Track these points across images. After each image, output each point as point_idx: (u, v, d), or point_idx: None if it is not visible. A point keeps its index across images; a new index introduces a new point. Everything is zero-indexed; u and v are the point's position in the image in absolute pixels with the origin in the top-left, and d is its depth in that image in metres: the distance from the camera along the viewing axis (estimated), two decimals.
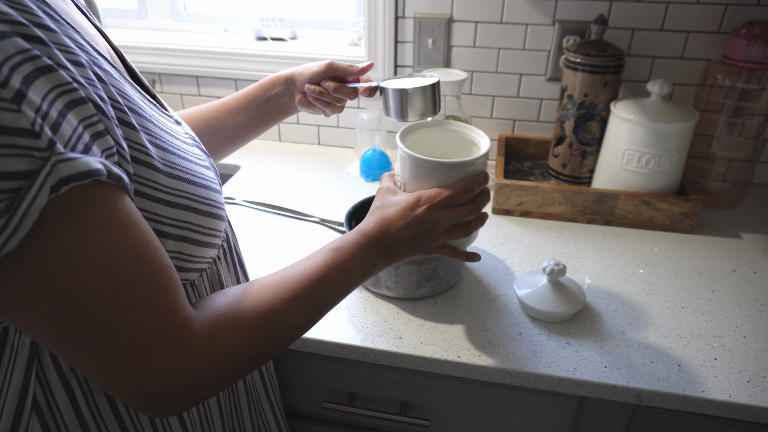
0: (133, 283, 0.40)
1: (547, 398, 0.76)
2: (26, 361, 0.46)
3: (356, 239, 0.61)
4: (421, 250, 0.65)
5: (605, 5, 1.07)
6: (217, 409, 0.61)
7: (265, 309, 0.50)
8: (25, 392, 0.46)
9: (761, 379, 0.70)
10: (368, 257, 0.60)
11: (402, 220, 0.62)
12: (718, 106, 1.01)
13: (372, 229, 0.62)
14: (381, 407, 0.83)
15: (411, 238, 0.62)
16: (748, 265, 0.91)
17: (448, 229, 0.64)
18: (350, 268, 0.58)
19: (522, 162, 1.22)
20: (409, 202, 0.63)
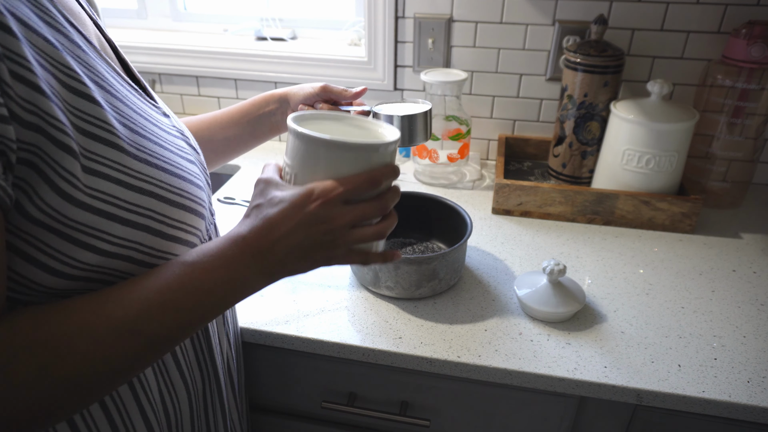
0: None
1: (547, 398, 0.76)
2: None
3: (223, 248, 0.48)
4: (315, 260, 0.50)
5: (605, 5, 1.07)
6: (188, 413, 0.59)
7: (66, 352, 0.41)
8: None
9: (761, 379, 0.70)
10: (238, 272, 0.47)
11: (289, 220, 0.48)
12: (718, 106, 1.01)
13: (248, 233, 0.48)
14: (381, 407, 0.83)
15: (300, 245, 0.48)
16: (748, 265, 0.91)
17: (349, 232, 0.50)
18: (206, 290, 0.46)
19: (522, 162, 1.22)
20: (298, 197, 0.48)
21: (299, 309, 0.81)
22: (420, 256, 0.78)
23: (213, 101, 1.34)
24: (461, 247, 0.81)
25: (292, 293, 0.84)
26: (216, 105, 1.35)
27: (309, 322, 0.78)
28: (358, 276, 0.85)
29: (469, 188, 1.15)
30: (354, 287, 0.85)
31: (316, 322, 0.78)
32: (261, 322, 0.78)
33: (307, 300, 0.83)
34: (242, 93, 1.32)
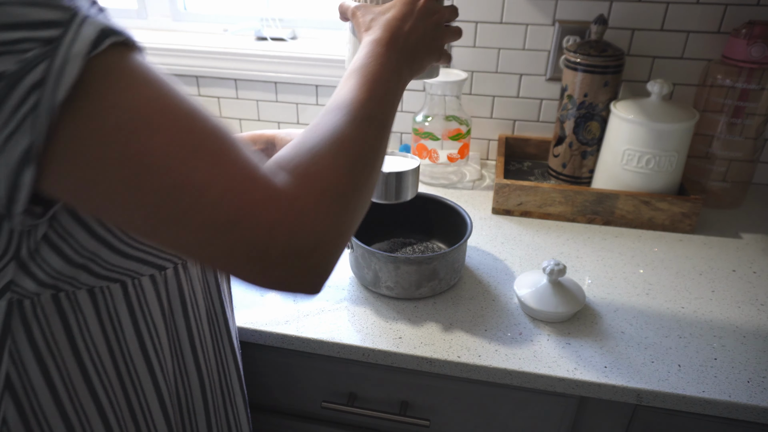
0: (201, 137, 0.36)
1: (547, 398, 0.76)
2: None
3: (371, 51, 0.53)
4: (434, 50, 0.59)
5: (605, 5, 1.07)
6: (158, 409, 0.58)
7: (334, 140, 0.43)
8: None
9: (761, 379, 0.70)
10: (391, 64, 0.53)
11: (409, 16, 0.56)
12: (718, 106, 1.01)
13: (382, 35, 0.55)
14: (381, 407, 0.83)
15: (425, 35, 0.57)
16: (748, 265, 0.91)
17: (446, 27, 0.61)
18: (383, 80, 0.51)
19: (522, 162, 1.22)
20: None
21: (299, 309, 0.81)
22: (420, 256, 0.78)
23: (213, 101, 1.35)
24: (461, 247, 0.81)
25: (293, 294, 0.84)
26: (216, 105, 1.35)
27: (309, 322, 0.78)
28: (358, 276, 0.85)
29: (469, 188, 1.15)
30: (354, 287, 0.85)
31: (316, 322, 0.78)
32: (261, 322, 0.78)
33: (307, 300, 0.83)
34: (242, 93, 1.32)
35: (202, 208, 0.35)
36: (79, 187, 0.34)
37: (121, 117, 0.33)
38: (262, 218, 0.36)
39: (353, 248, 0.83)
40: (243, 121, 1.36)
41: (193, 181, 0.35)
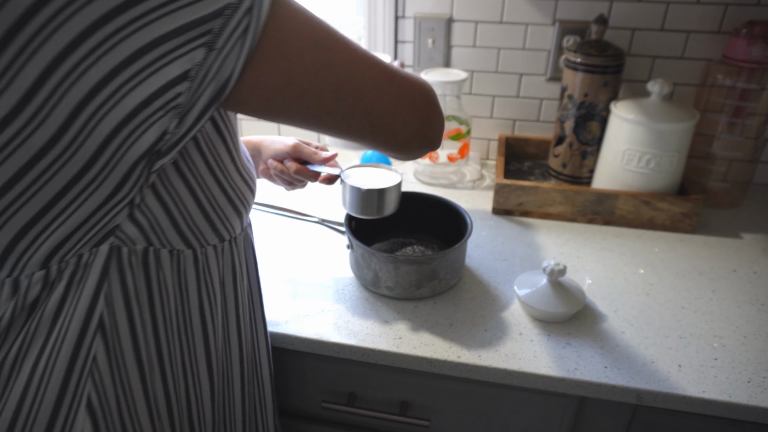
0: (365, 53, 0.48)
1: (547, 398, 0.76)
2: (97, 280, 0.47)
3: None
4: None
5: (605, 5, 1.07)
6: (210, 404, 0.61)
7: None
8: (92, 311, 0.48)
9: (762, 380, 0.69)
10: None
11: None
12: (719, 106, 1.00)
13: None
14: (381, 407, 0.83)
15: None
16: (749, 265, 0.91)
17: None
18: None
19: (522, 162, 1.22)
20: None
21: (299, 309, 0.81)
22: (420, 256, 0.78)
23: None
24: (461, 247, 0.81)
25: (292, 293, 0.84)
26: None
27: (309, 322, 0.78)
28: (358, 276, 0.85)
29: (469, 188, 1.15)
30: (354, 287, 0.85)
31: (316, 322, 0.78)
32: None
33: (307, 300, 0.83)
34: None
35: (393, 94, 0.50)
36: (282, 82, 0.44)
37: (307, 20, 0.44)
38: (432, 100, 0.54)
39: (353, 248, 0.83)
40: (243, 121, 1.36)
41: (382, 64, 0.49)
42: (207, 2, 0.39)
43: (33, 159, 0.40)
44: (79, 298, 0.47)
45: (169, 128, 0.41)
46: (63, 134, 0.39)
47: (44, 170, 0.40)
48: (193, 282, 0.53)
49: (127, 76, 0.39)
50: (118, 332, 0.49)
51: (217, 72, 0.41)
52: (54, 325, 0.47)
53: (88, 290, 0.47)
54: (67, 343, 0.47)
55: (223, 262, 0.56)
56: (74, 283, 0.47)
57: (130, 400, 0.51)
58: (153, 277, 0.50)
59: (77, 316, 0.47)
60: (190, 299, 0.54)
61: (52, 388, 0.47)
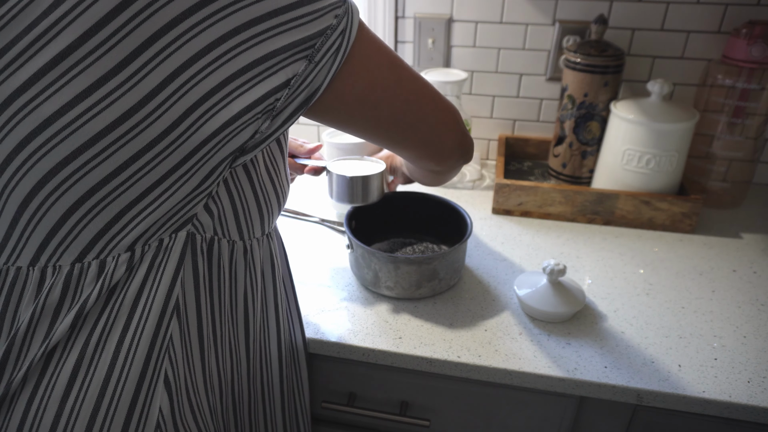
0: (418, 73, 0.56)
1: (547, 398, 0.76)
2: (176, 264, 0.50)
3: None
4: None
5: (605, 5, 1.07)
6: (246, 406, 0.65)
7: None
8: (170, 294, 0.51)
9: (761, 380, 0.69)
10: None
11: None
12: (719, 106, 1.01)
13: None
14: (381, 407, 0.83)
15: None
16: (749, 265, 0.91)
17: None
18: None
19: (522, 162, 1.22)
20: None
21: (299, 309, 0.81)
22: (420, 256, 0.78)
23: None
24: (461, 247, 0.81)
25: None
26: None
27: (309, 322, 0.78)
28: (357, 276, 0.85)
29: (469, 188, 1.15)
30: (354, 287, 0.85)
31: (316, 322, 0.78)
32: None
33: (307, 300, 0.83)
34: None
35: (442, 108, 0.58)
36: (363, 92, 0.50)
37: (381, 44, 0.51)
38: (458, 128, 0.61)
39: (353, 248, 0.83)
40: None
41: (430, 85, 0.57)
42: (316, 23, 0.45)
43: (142, 150, 0.43)
44: (159, 281, 0.50)
45: (260, 129, 0.46)
46: (172, 131, 0.43)
47: (149, 161, 0.44)
48: (242, 270, 0.57)
49: (239, 83, 0.43)
50: (187, 314, 0.53)
51: (311, 81, 0.46)
52: (136, 306, 0.49)
53: (168, 274, 0.50)
54: (149, 323, 0.50)
55: (263, 253, 0.61)
56: (155, 266, 0.50)
57: (193, 374, 0.55)
58: (215, 264, 0.54)
59: (158, 298, 0.50)
60: (237, 286, 0.58)
61: (136, 366, 0.50)
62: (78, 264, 0.47)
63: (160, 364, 0.51)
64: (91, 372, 0.48)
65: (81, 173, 0.43)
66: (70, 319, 0.47)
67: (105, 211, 0.45)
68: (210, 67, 0.42)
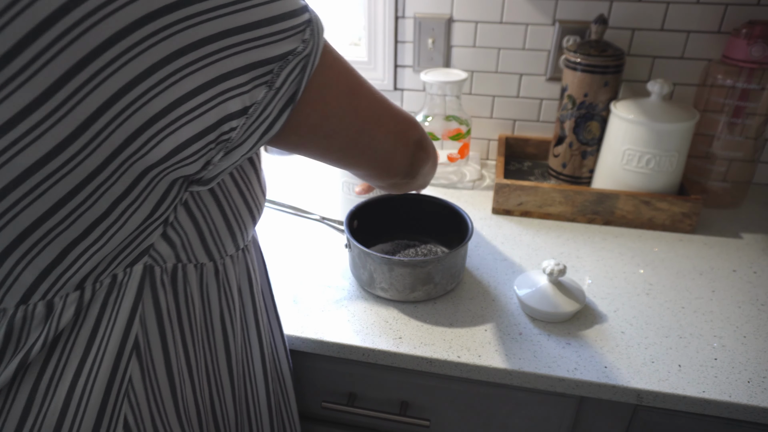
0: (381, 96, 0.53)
1: (547, 398, 0.76)
2: (132, 301, 0.48)
3: None
4: None
5: (605, 5, 1.07)
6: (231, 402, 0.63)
7: None
8: (128, 333, 0.48)
9: (762, 380, 0.69)
10: None
11: None
12: (719, 106, 1.00)
13: None
14: (381, 407, 0.83)
15: None
16: (749, 265, 0.91)
17: None
18: None
19: (522, 162, 1.22)
20: None
21: (299, 309, 0.81)
22: (413, 259, 0.77)
23: None
24: (458, 252, 0.80)
25: (293, 293, 0.84)
26: None
27: (309, 322, 0.78)
28: (355, 276, 0.85)
29: (469, 188, 1.15)
30: (354, 287, 0.85)
31: (316, 322, 0.78)
32: None
33: (307, 300, 0.83)
34: None
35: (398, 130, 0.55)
36: (317, 122, 0.47)
37: (344, 69, 0.48)
38: (422, 137, 0.59)
39: (351, 248, 0.83)
40: None
41: (392, 107, 0.54)
42: (277, 45, 0.41)
43: (80, 185, 0.39)
44: (114, 320, 0.47)
45: (213, 160, 0.42)
46: (112, 161, 0.39)
47: (89, 195, 0.40)
48: (214, 293, 0.54)
49: (188, 108, 0.39)
50: (151, 352, 0.50)
51: (271, 111, 0.43)
52: (89, 349, 0.46)
53: (124, 312, 0.47)
54: (104, 366, 0.47)
55: (239, 269, 0.57)
56: (108, 304, 0.46)
57: (162, 413, 0.52)
58: (181, 292, 0.51)
59: (113, 338, 0.47)
60: (212, 309, 0.55)
61: (90, 413, 0.47)
62: (23, 306, 0.44)
63: (119, 410, 0.48)
64: (39, 422, 0.45)
65: (12, 213, 0.39)
66: (14, 365, 0.44)
67: (46, 250, 0.42)
68: (153, 90, 0.37)
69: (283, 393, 0.71)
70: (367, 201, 0.91)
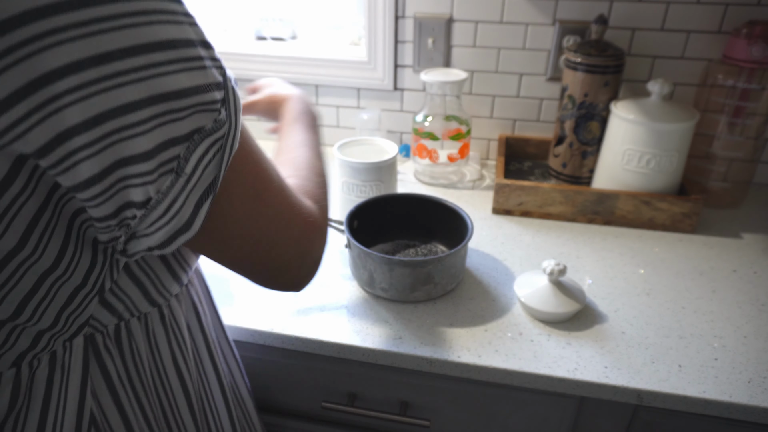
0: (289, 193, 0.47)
1: (547, 398, 0.76)
2: (80, 378, 0.46)
3: None
4: None
5: (605, 5, 1.07)
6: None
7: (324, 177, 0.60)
8: (82, 410, 0.46)
9: (762, 380, 0.69)
10: None
11: None
12: (719, 106, 1.00)
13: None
14: (381, 407, 0.83)
15: None
16: (749, 265, 0.91)
17: None
18: None
19: (522, 162, 1.22)
20: None
21: (299, 309, 0.81)
22: (413, 259, 0.77)
23: None
24: (458, 252, 0.80)
25: (292, 293, 0.84)
26: None
27: (309, 322, 0.78)
28: (355, 276, 0.85)
29: (469, 188, 1.15)
30: (354, 287, 0.85)
31: (316, 322, 0.78)
32: (261, 322, 0.78)
33: (307, 300, 0.83)
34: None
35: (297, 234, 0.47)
36: (217, 225, 0.41)
37: (256, 163, 0.43)
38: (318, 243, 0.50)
39: (351, 248, 0.83)
40: None
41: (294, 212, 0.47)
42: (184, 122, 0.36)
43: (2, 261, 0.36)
44: (65, 399, 0.45)
45: (120, 240, 0.39)
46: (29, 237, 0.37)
47: (14, 270, 0.37)
48: (163, 338, 0.52)
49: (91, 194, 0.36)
50: (108, 422, 0.48)
51: (182, 204, 0.38)
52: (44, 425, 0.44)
53: (73, 390, 0.45)
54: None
55: (185, 305, 0.56)
56: (55, 383, 0.44)
57: None
58: (127, 351, 0.49)
59: (68, 419, 0.45)
60: (162, 354, 0.53)
61: None
62: None
63: None
64: None
65: None
66: None
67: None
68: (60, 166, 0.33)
69: (246, 417, 0.70)
70: (367, 201, 0.91)
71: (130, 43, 0.32)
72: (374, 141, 1.02)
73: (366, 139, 1.03)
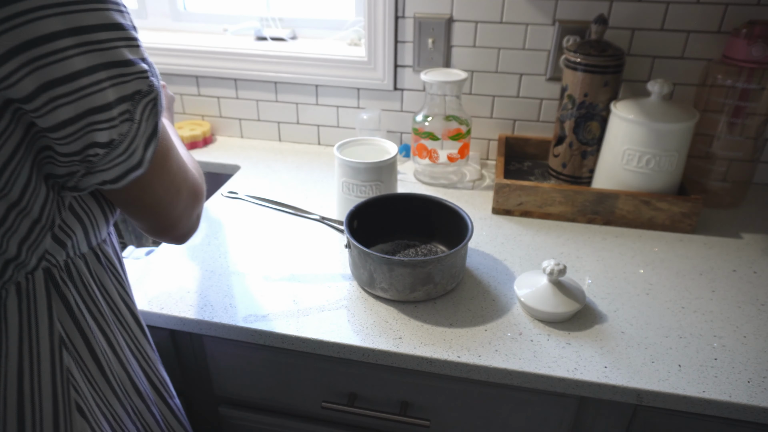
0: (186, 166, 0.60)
1: (547, 398, 0.76)
2: (46, 305, 0.54)
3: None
4: None
5: (605, 5, 1.07)
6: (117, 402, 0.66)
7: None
8: (53, 334, 0.54)
9: (762, 380, 0.69)
10: None
11: None
12: (719, 106, 1.00)
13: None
14: (381, 407, 0.83)
15: None
16: (749, 265, 0.91)
17: None
18: None
19: (522, 162, 1.22)
20: None
21: (299, 309, 0.81)
22: (413, 259, 0.77)
23: (213, 101, 1.35)
24: (458, 252, 0.80)
25: (293, 293, 0.84)
26: (216, 105, 1.35)
27: (309, 322, 0.78)
28: (355, 276, 0.85)
29: (469, 188, 1.15)
30: (354, 287, 0.85)
31: (316, 322, 0.78)
32: (261, 322, 0.78)
33: (307, 300, 0.83)
34: (242, 93, 1.32)
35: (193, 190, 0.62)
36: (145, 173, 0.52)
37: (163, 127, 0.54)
38: (201, 206, 0.65)
39: (351, 248, 0.83)
40: (243, 120, 1.36)
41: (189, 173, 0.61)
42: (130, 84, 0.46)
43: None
44: (36, 323, 0.53)
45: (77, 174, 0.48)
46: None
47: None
48: (104, 276, 0.61)
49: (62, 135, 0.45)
50: (74, 345, 0.56)
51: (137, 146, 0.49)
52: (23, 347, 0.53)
53: (42, 316, 0.54)
54: (43, 362, 0.54)
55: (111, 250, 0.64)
56: (23, 310, 0.53)
57: (101, 395, 0.60)
58: (79, 283, 0.57)
59: (42, 338, 0.54)
60: (108, 291, 0.61)
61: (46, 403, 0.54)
62: None
63: (68, 398, 0.55)
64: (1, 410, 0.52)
65: None
66: None
67: None
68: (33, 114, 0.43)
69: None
70: (367, 201, 0.91)
71: (95, 22, 0.43)
72: (374, 141, 1.03)
73: (366, 139, 1.03)
